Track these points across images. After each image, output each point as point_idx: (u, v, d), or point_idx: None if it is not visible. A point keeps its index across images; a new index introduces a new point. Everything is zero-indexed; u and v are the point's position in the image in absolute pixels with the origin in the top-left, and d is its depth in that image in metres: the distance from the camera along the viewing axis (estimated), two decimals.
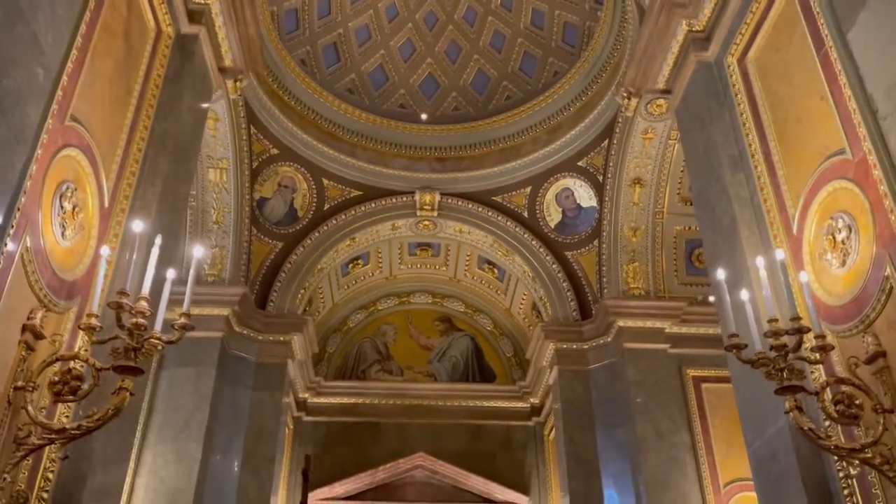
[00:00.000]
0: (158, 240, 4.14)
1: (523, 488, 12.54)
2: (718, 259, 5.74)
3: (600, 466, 10.48)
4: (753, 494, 9.98)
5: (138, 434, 9.56)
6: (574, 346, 11.48)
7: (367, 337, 14.39)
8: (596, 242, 12.06)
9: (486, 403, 13.53)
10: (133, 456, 9.48)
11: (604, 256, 11.78)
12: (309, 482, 4.93)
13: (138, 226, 4.29)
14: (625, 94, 10.47)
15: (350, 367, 14.04)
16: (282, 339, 11.25)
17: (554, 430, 12.21)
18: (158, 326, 4.01)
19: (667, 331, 10.98)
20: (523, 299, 13.68)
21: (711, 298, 11.02)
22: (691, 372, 10.72)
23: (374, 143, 12.77)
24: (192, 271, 4.16)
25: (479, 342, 14.48)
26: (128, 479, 9.18)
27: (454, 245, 13.59)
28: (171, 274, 4.18)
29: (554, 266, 12.20)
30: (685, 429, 10.22)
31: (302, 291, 12.04)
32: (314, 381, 13.20)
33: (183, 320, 3.95)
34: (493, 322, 14.57)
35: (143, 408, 9.75)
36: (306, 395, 13.17)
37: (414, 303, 14.74)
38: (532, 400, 13.32)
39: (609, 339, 11.20)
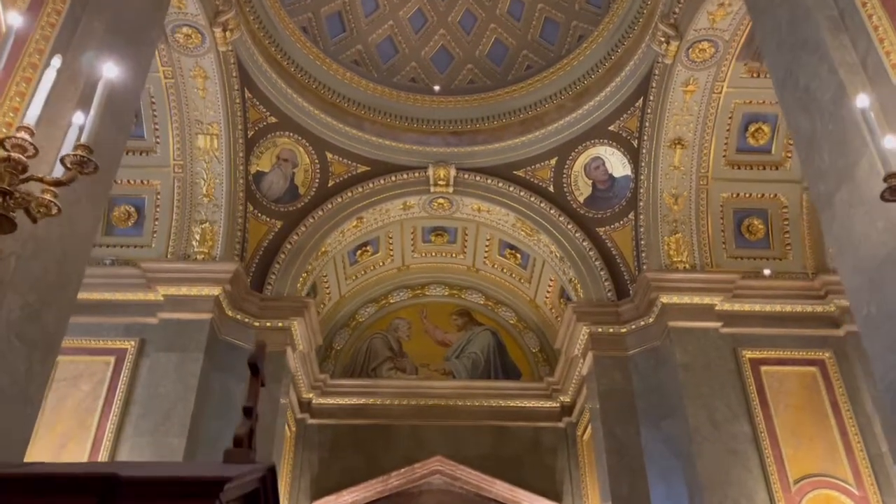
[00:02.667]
0: (57, 61, 2.92)
1: (555, 496, 11.08)
2: (819, 147, 4.45)
3: (646, 463, 9.06)
4: (830, 492, 8.61)
5: (112, 427, 8.35)
6: (610, 330, 10.12)
7: (378, 332, 13.10)
8: (631, 215, 10.77)
9: (510, 403, 12.12)
10: (107, 451, 8.23)
11: (641, 229, 10.48)
12: (260, 375, 3.60)
13: (15, 18, 3.01)
14: (662, 39, 9.32)
15: (359, 365, 12.73)
16: (280, 324, 10.00)
17: (589, 428, 10.80)
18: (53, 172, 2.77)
19: (717, 308, 9.62)
20: (550, 287, 12.35)
21: (767, 272, 9.71)
22: (748, 353, 9.34)
23: (383, 116, 11.63)
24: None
25: (502, 337, 13.12)
26: None
27: (472, 228, 12.33)
28: (78, 118, 2.93)
29: (584, 244, 10.91)
30: (744, 418, 8.81)
31: (304, 275, 10.81)
32: (319, 380, 11.89)
33: (80, 153, 2.69)
34: (516, 315, 13.23)
35: (118, 398, 8.54)
36: (311, 395, 11.85)
37: (429, 295, 13.45)
38: (562, 398, 11.91)
39: (651, 320, 9.84)
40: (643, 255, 10.37)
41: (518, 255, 12.51)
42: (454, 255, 13.10)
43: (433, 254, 13.11)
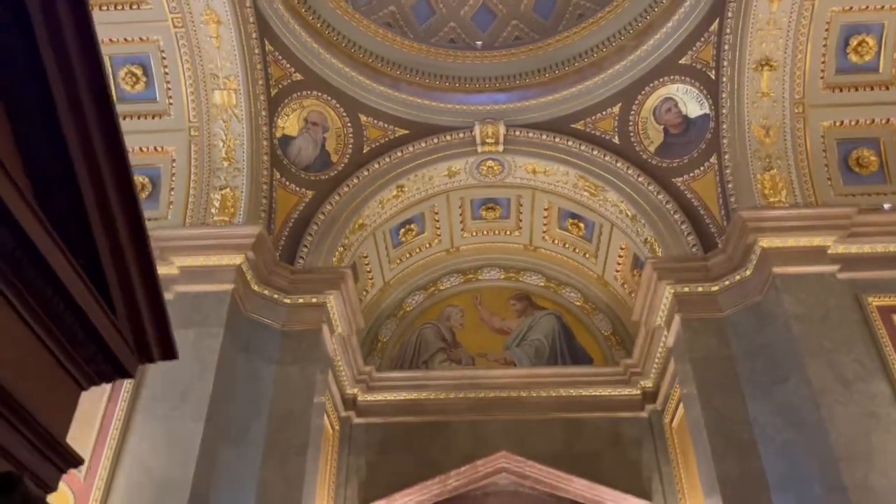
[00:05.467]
0: None
1: (642, 494, 9.38)
2: None
3: (757, 439, 7.38)
4: None
5: (122, 414, 7.14)
6: (699, 289, 8.54)
7: (429, 322, 11.71)
8: (713, 159, 9.24)
9: (583, 392, 10.51)
10: (114, 440, 7.01)
11: (727, 171, 8.93)
12: None
13: None
14: None
15: (409, 358, 11.34)
16: (314, 300, 8.72)
17: (679, 412, 9.15)
18: None
19: (831, 250, 7.97)
20: (620, 257, 10.81)
21: (887, 206, 8.06)
22: (874, 301, 7.67)
23: (422, 76, 10.45)
24: None
25: (567, 321, 11.57)
26: (105, 470, 6.70)
27: (527, 196, 10.94)
28: None
29: (660, 197, 9.41)
30: (880, 375, 7.12)
31: (340, 249, 9.57)
32: (364, 372, 10.53)
33: None
34: (582, 296, 11.69)
35: (128, 381, 7.32)
36: (355, 391, 10.49)
37: (483, 279, 12.03)
38: (643, 383, 10.26)
39: (748, 272, 8.23)
40: (732, 199, 8.81)
41: (581, 225, 11.04)
42: (508, 232, 11.70)
43: (485, 232, 11.74)
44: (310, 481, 7.69)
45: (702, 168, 9.37)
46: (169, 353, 2.82)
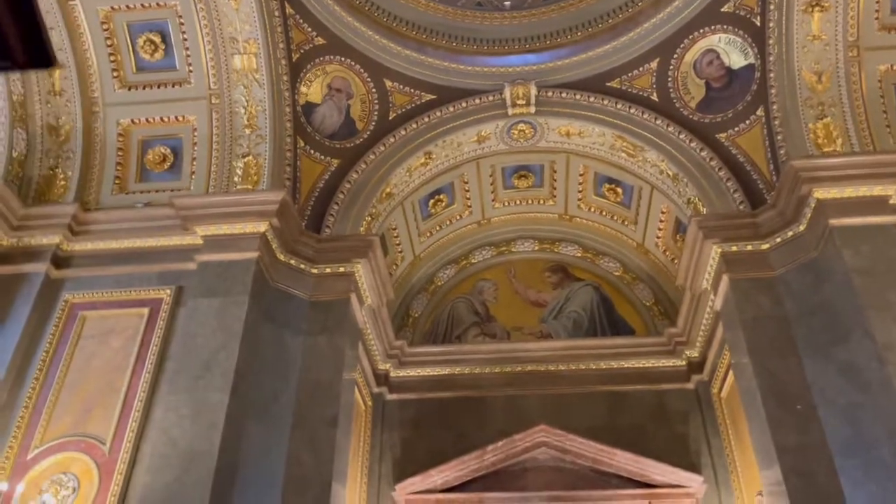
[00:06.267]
0: None
1: (690, 467, 8.89)
2: None
3: (817, 403, 6.87)
4: None
5: (146, 385, 6.91)
6: (748, 248, 8.02)
7: (461, 296, 11.33)
8: (760, 111, 8.70)
9: (625, 364, 10.04)
10: (138, 413, 6.78)
11: (776, 122, 8.38)
12: None
13: None
14: None
15: (441, 333, 10.98)
16: (342, 269, 8.40)
17: (729, 380, 8.65)
18: None
19: (893, 200, 7.40)
20: (661, 222, 10.30)
21: None
22: None
23: (448, 39, 10.02)
24: None
25: (606, 292, 11.10)
26: (130, 443, 6.47)
27: (561, 161, 10.47)
28: None
29: (703, 154, 8.89)
30: None
31: (368, 219, 9.23)
32: (395, 347, 10.20)
33: None
34: (621, 265, 11.19)
35: (152, 352, 7.12)
36: (387, 367, 10.16)
37: (516, 251, 11.61)
38: (689, 353, 9.76)
39: (802, 228, 7.70)
40: (781, 152, 8.25)
41: (619, 191, 10.55)
42: (542, 201, 11.25)
43: (517, 202, 11.31)
44: (341, 454, 7.37)
45: (747, 122, 8.82)
46: (40, 59, 2.22)
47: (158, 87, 8.71)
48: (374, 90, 9.64)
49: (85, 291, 7.72)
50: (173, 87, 8.70)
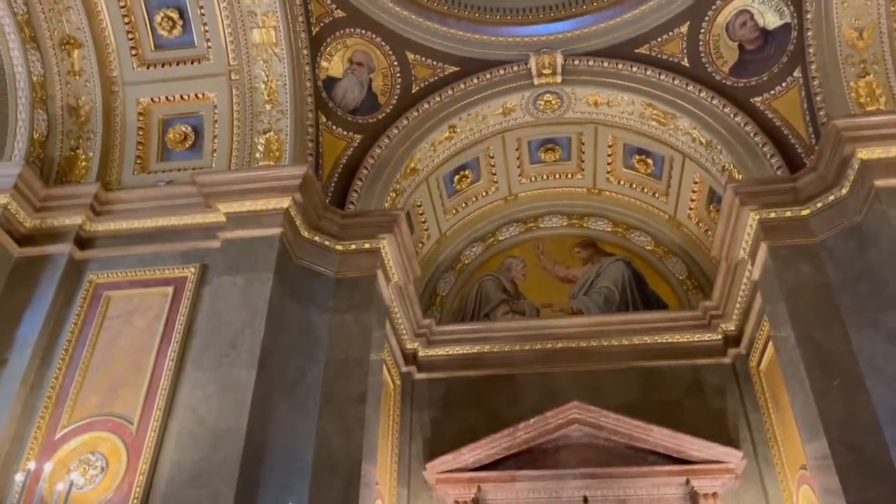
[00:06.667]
0: None
1: (728, 443, 8.63)
2: None
3: (864, 373, 6.57)
4: None
5: (171, 364, 6.82)
6: (787, 213, 7.70)
7: (489, 274, 11.12)
8: (797, 72, 8.35)
9: (658, 339, 9.79)
10: (164, 391, 6.69)
11: (814, 83, 8.04)
12: None
13: None
14: None
15: (470, 311, 10.79)
16: (367, 245, 8.23)
17: (768, 353, 8.39)
18: None
19: None
20: (694, 193, 9.98)
21: None
22: None
23: (470, 10, 9.75)
24: None
25: (638, 267, 10.82)
26: (157, 422, 6.39)
27: (589, 132, 10.19)
28: None
29: (737, 119, 8.57)
30: None
31: (392, 194, 9.04)
32: (423, 326, 10.04)
33: None
34: (653, 239, 10.89)
35: (178, 331, 7.03)
36: (415, 346, 10.02)
37: (544, 227, 11.36)
38: (725, 326, 9.47)
39: (844, 191, 7.36)
40: (821, 114, 7.90)
41: (649, 162, 10.24)
42: (570, 175, 10.98)
43: (544, 176, 11.05)
44: (370, 432, 7.23)
45: (784, 84, 8.47)
46: None
47: (177, 64, 8.57)
48: (395, 63, 9.42)
49: (109, 271, 7.65)
50: (192, 63, 8.56)
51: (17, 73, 8.05)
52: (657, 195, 10.58)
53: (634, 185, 10.72)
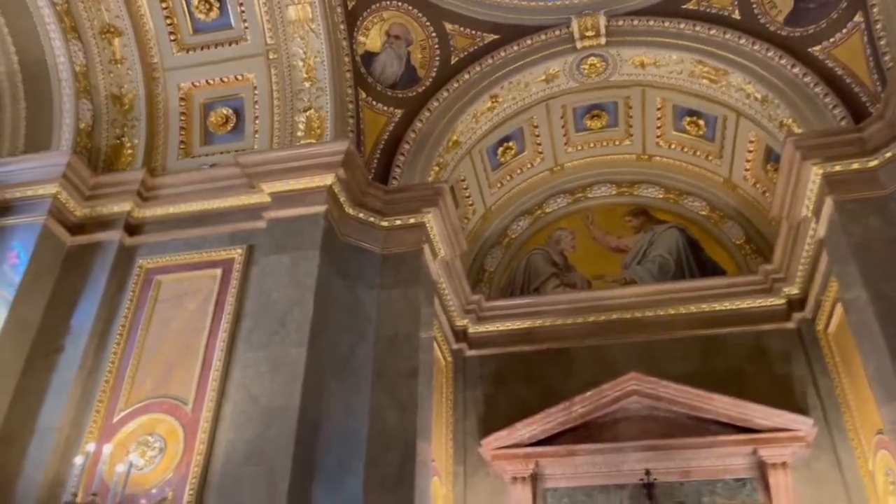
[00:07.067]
0: None
1: (797, 410, 8.27)
2: None
3: None
4: None
5: (223, 345, 6.81)
6: (854, 166, 7.28)
7: (538, 248, 10.88)
8: (859, 16, 7.87)
9: (717, 306, 9.44)
10: (217, 372, 6.69)
11: (877, 27, 7.57)
12: None
13: None
14: None
15: (519, 286, 10.59)
16: (412, 220, 8.09)
17: (838, 312, 7.99)
18: None
19: None
20: (750, 152, 9.56)
21: None
22: None
23: None
24: None
25: (692, 233, 10.44)
26: (211, 402, 6.39)
27: (636, 96, 9.84)
28: None
29: (795, 70, 8.15)
30: None
31: (435, 168, 8.89)
32: (472, 302, 9.89)
33: None
34: (707, 204, 10.50)
35: (227, 312, 7.02)
36: (465, 323, 9.88)
37: (593, 197, 11.06)
38: (788, 290, 9.07)
39: None
40: (886, 59, 7.43)
41: (701, 123, 9.84)
42: (618, 141, 10.65)
43: (591, 144, 10.74)
44: (424, 407, 7.12)
45: (844, 30, 8.00)
46: None
47: (216, 47, 8.53)
48: (433, 34, 9.23)
49: (158, 256, 7.69)
50: (230, 45, 8.51)
51: (59, 64, 8.12)
52: (710, 158, 10.18)
53: (686, 149, 10.33)
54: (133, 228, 7.93)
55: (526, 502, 8.25)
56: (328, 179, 7.59)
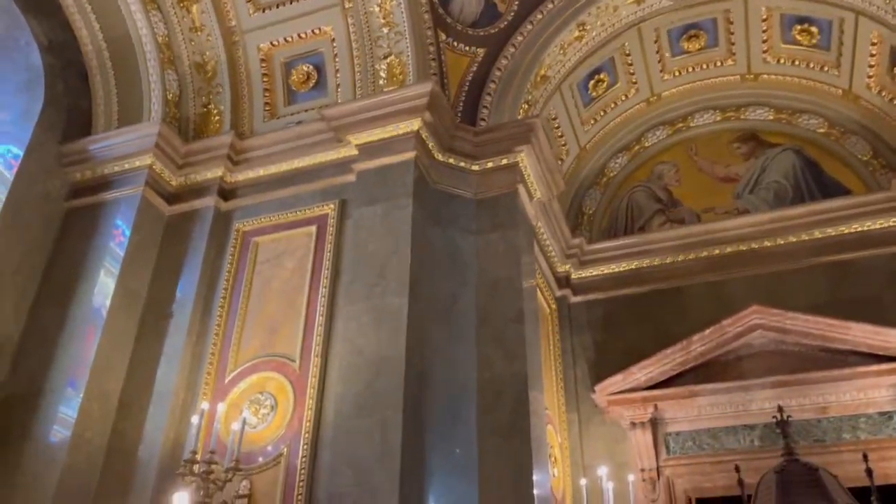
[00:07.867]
0: None
1: None
2: None
3: None
4: None
5: (324, 300, 6.72)
6: None
7: (639, 185, 10.28)
8: None
9: (845, 229, 8.62)
10: (321, 327, 6.60)
11: None
12: None
13: None
14: None
15: (622, 226, 10.05)
16: (504, 161, 7.71)
17: None
18: None
19: None
20: (872, 57, 8.62)
21: None
22: None
23: None
24: None
25: (810, 154, 9.57)
26: (317, 357, 6.32)
27: (738, 8, 9.03)
28: None
29: None
30: None
31: (524, 106, 8.46)
32: (573, 246, 9.46)
33: None
34: (825, 121, 9.58)
35: (326, 268, 6.92)
36: (567, 268, 9.47)
37: (695, 126, 10.32)
38: None
39: None
40: None
41: (813, 31, 8.94)
42: (719, 62, 9.85)
43: (690, 69, 9.98)
44: (532, 352, 6.82)
45: None
46: None
47: (290, 2, 8.33)
48: None
49: (253, 218, 7.67)
50: None
51: (142, 37, 8.16)
52: (826, 69, 9.25)
53: (798, 62, 9.42)
54: (227, 193, 7.94)
55: (647, 447, 7.85)
56: (415, 125, 7.31)
